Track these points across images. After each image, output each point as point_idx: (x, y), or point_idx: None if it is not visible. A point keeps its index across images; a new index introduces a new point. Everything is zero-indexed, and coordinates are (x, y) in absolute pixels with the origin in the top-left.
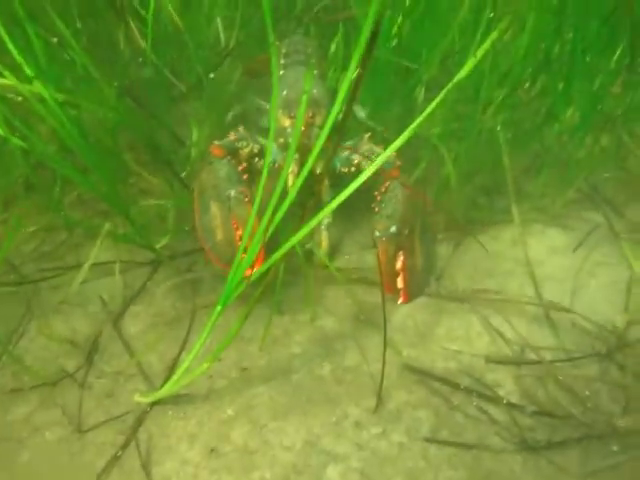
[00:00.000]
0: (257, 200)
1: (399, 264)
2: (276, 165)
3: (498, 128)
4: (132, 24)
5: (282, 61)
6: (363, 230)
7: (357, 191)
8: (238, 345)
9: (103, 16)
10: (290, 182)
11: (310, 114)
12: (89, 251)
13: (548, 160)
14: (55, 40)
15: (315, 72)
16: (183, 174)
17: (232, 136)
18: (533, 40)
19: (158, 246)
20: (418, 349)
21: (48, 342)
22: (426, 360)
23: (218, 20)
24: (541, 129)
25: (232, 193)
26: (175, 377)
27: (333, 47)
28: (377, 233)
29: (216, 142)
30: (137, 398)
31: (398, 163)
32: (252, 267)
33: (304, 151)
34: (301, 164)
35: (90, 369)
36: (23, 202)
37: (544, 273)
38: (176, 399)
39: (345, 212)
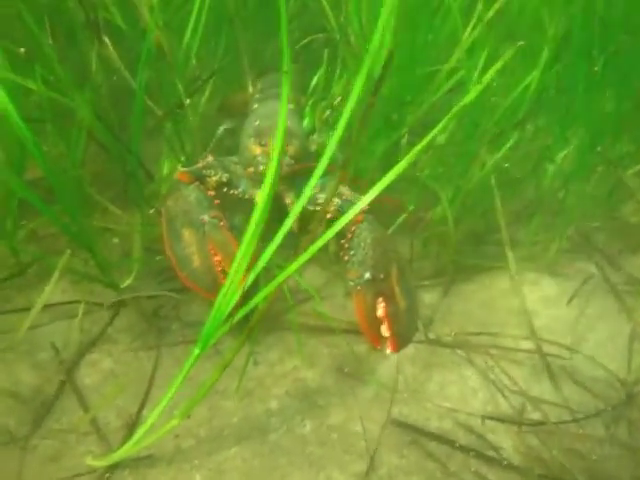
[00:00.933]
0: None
1: (380, 311)
2: (246, 195)
3: (490, 170)
4: (108, 41)
5: (257, 95)
6: (339, 275)
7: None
8: (208, 398)
9: (76, 32)
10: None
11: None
12: (40, 292)
13: (540, 206)
14: (22, 50)
15: (290, 106)
16: (151, 210)
17: (200, 163)
18: (529, 78)
19: (122, 286)
20: (410, 406)
21: None
22: (419, 418)
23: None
24: (535, 172)
25: (205, 218)
26: (136, 436)
27: (315, 80)
28: (351, 282)
29: (183, 169)
30: (90, 461)
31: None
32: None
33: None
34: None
35: (36, 428)
36: None
37: (540, 324)
38: (136, 462)
39: (320, 256)
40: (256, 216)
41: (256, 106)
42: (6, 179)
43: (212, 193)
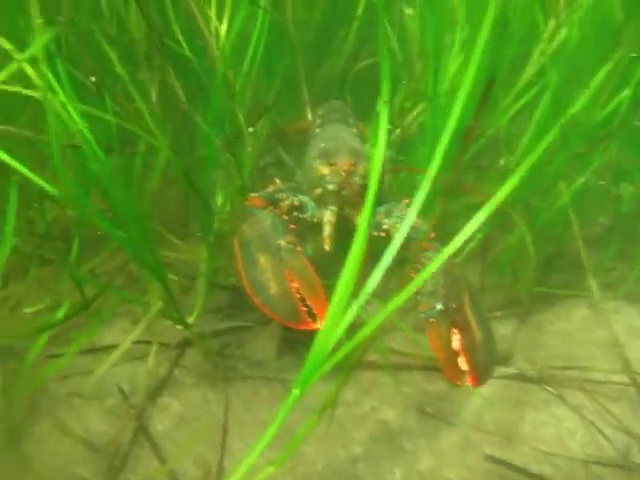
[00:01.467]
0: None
1: (456, 343)
2: (315, 219)
3: (566, 193)
4: (171, 71)
5: (319, 121)
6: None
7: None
8: (289, 444)
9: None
10: (326, 232)
11: (352, 161)
12: (102, 334)
13: (617, 230)
14: (93, 80)
15: (353, 130)
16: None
17: (271, 188)
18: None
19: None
20: (503, 450)
21: (59, 444)
22: (516, 463)
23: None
24: (611, 194)
25: (282, 243)
26: None
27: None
28: (422, 315)
29: (255, 194)
30: None
31: (431, 234)
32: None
33: (343, 202)
34: (339, 215)
35: (111, 479)
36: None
37: (631, 357)
38: None
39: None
40: (357, 241)
41: (318, 131)
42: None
43: (286, 217)
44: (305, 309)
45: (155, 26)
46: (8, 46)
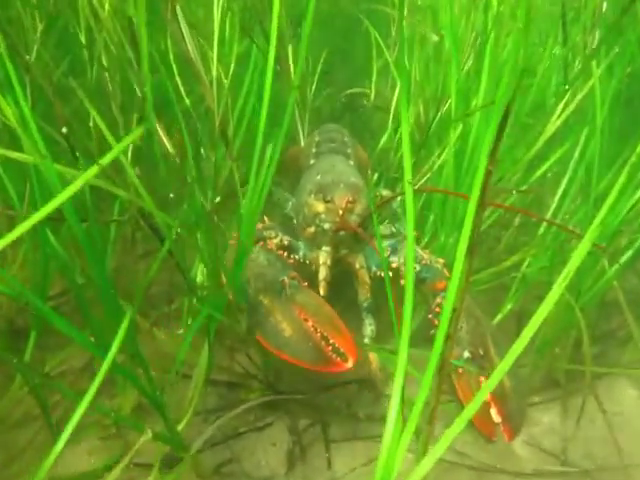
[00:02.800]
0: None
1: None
2: (307, 260)
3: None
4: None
5: (314, 150)
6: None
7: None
8: None
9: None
10: (322, 275)
11: (350, 198)
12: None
13: None
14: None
15: (351, 162)
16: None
17: (259, 225)
18: None
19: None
20: None
21: None
22: None
23: None
24: None
25: (286, 280)
26: None
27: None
28: (453, 363)
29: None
30: None
31: (446, 273)
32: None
33: (339, 242)
34: (335, 257)
35: None
36: None
37: None
38: None
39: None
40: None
41: (313, 162)
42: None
43: (282, 252)
44: (330, 348)
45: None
46: None
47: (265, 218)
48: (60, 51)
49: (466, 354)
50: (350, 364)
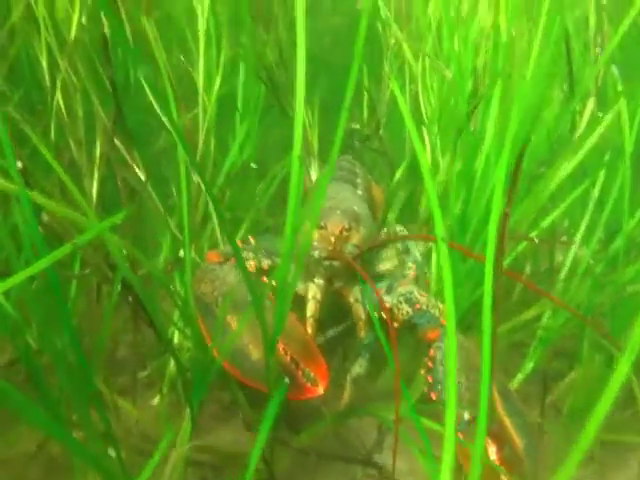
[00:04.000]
0: None
1: (495, 457)
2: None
3: None
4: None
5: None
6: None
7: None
8: None
9: None
10: (309, 311)
11: (345, 225)
12: None
13: None
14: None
15: (359, 192)
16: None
17: (238, 242)
18: None
19: None
20: None
21: None
22: None
23: None
24: None
25: None
26: None
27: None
28: None
29: (214, 250)
30: None
31: (442, 321)
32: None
33: (332, 274)
34: (326, 290)
35: None
36: None
37: None
38: None
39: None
40: None
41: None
42: None
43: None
44: (300, 373)
45: None
46: None
47: (251, 238)
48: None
49: (466, 415)
50: (321, 390)
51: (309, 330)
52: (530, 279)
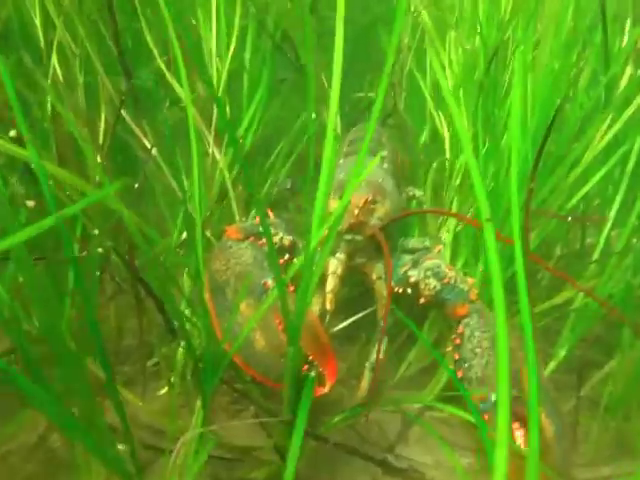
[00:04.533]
0: None
1: (521, 442)
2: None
3: None
4: None
5: (345, 148)
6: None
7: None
8: None
9: None
10: (329, 286)
11: (369, 197)
12: None
13: None
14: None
15: (385, 165)
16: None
17: (257, 219)
18: None
19: None
20: None
21: None
22: None
23: None
24: None
25: (269, 282)
26: None
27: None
28: (478, 407)
29: (233, 225)
30: None
31: (474, 291)
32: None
33: (354, 249)
34: (347, 265)
35: None
36: None
37: None
38: None
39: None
40: None
41: (341, 161)
42: None
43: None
44: (306, 367)
45: None
46: None
47: (270, 212)
48: None
49: (493, 396)
50: (327, 388)
51: (328, 306)
52: (559, 261)
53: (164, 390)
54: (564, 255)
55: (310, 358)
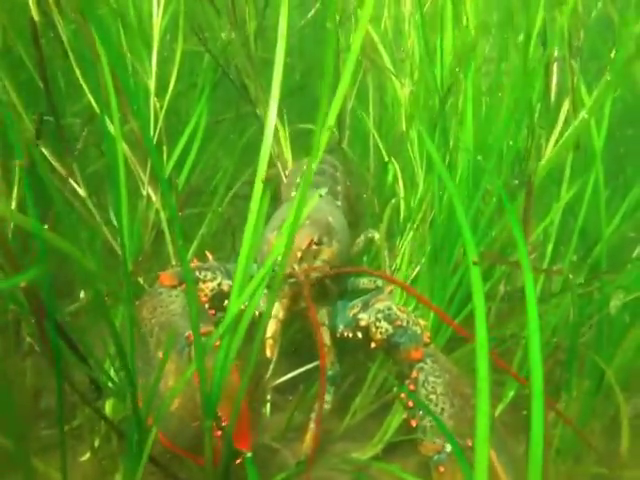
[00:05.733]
0: None
1: None
2: (256, 312)
3: None
4: None
5: (298, 180)
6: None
7: None
8: None
9: None
10: (269, 331)
11: (314, 238)
12: None
13: None
14: None
15: (338, 203)
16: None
17: (193, 264)
18: None
19: None
20: None
21: None
22: None
23: None
24: None
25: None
26: None
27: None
28: (433, 458)
29: (168, 270)
30: None
31: (427, 334)
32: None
33: (297, 292)
34: (289, 308)
35: None
36: None
37: None
38: None
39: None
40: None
41: (294, 194)
42: None
43: (205, 299)
44: (220, 434)
45: None
46: None
47: (210, 257)
48: None
49: (449, 447)
50: (238, 460)
51: (268, 353)
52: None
53: (86, 456)
54: (508, 292)
55: (223, 422)
